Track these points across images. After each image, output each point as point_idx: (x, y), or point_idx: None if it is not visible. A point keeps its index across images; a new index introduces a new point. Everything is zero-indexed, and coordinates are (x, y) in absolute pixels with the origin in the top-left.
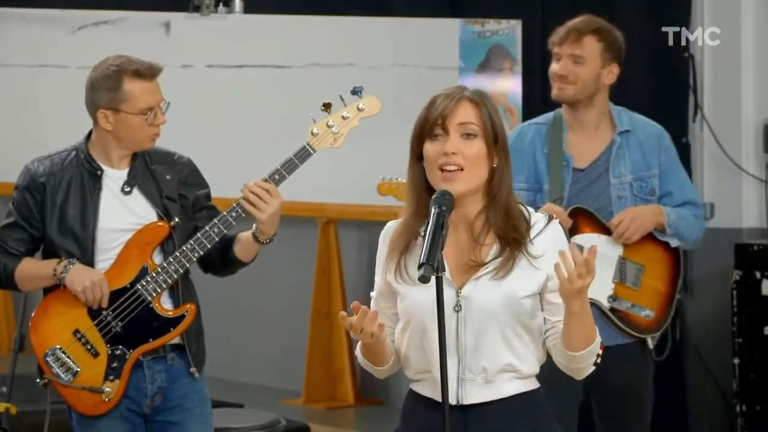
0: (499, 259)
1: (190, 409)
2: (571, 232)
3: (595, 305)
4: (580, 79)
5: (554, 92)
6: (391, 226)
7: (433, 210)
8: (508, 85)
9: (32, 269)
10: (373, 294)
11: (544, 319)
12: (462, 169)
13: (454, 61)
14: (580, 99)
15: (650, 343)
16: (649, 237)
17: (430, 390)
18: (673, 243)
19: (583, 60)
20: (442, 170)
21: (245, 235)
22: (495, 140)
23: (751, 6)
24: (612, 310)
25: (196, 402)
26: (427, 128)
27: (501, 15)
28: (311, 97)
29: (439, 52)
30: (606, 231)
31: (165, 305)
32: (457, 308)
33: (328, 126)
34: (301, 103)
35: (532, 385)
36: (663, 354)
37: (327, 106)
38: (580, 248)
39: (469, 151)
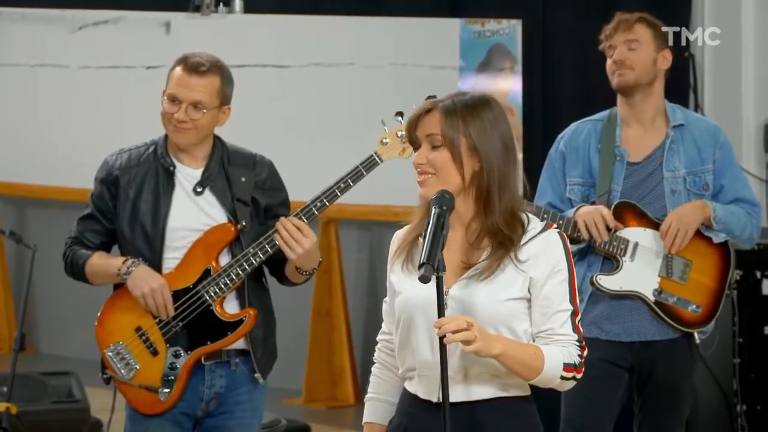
0: (486, 261)
1: (240, 418)
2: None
3: (641, 299)
4: (637, 63)
5: (615, 80)
6: (399, 233)
7: (433, 210)
8: (509, 85)
9: (100, 265)
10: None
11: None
12: (434, 174)
13: (455, 60)
14: (640, 84)
15: (697, 338)
16: (697, 232)
17: (414, 386)
18: (718, 238)
19: (637, 44)
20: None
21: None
22: (473, 148)
23: (751, 6)
24: (657, 303)
25: (248, 412)
26: (408, 139)
27: (501, 14)
28: (311, 96)
29: (439, 52)
30: (652, 225)
31: (228, 309)
32: (444, 307)
33: (398, 136)
34: (301, 102)
35: (518, 391)
36: (710, 349)
37: (400, 114)
38: (620, 247)
39: (435, 159)
